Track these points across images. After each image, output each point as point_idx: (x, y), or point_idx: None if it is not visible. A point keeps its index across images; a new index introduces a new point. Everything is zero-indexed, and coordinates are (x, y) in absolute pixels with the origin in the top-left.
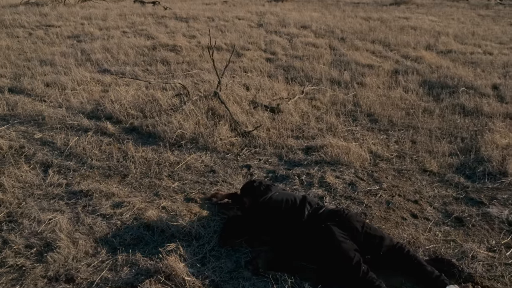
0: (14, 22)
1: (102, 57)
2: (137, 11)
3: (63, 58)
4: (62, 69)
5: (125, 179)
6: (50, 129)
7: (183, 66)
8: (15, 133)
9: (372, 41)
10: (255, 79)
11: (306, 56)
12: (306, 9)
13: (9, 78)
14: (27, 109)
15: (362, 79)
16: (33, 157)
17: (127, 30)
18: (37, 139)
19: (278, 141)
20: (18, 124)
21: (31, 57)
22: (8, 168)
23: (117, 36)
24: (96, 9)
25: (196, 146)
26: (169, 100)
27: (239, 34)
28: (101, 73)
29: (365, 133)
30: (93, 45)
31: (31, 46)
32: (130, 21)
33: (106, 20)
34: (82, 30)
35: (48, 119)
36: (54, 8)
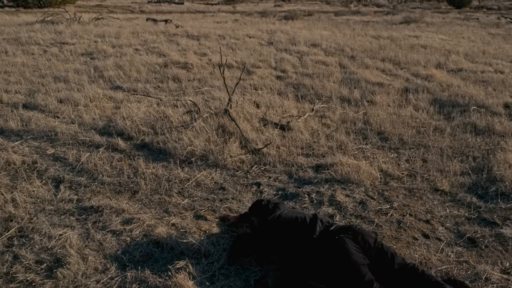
0: (30, 39)
1: (115, 74)
2: (149, 29)
3: (77, 75)
4: (75, 86)
5: (135, 196)
6: (62, 145)
7: (194, 83)
8: (28, 149)
9: (382, 59)
10: (265, 96)
11: (316, 74)
12: (316, 28)
13: (23, 94)
14: (41, 125)
15: (372, 97)
16: (45, 173)
17: (140, 47)
18: (49, 155)
19: (288, 159)
20: (31, 140)
21: (46, 73)
22: (21, 183)
23: (129, 53)
24: (110, 27)
25: (206, 163)
26: (180, 117)
27: (249, 52)
28: (113, 90)
29: (375, 151)
30: (106, 62)
31: (46, 63)
32: (143, 39)
33: (119, 38)
34: (95, 48)
35: (61, 135)
36: (68, 26)
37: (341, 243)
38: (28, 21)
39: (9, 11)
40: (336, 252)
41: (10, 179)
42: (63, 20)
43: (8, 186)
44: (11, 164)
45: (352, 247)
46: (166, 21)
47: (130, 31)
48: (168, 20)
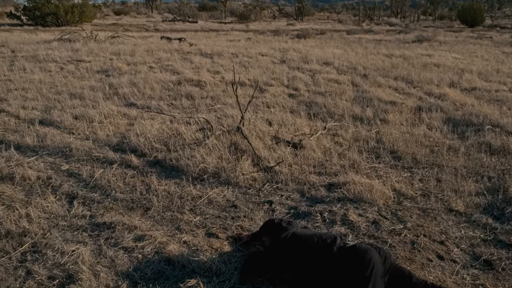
0: (47, 57)
1: (129, 91)
2: (163, 47)
3: (92, 92)
4: (91, 103)
5: (147, 212)
6: (76, 161)
7: (207, 101)
8: (43, 164)
9: (395, 78)
10: (278, 114)
11: (328, 92)
12: (329, 46)
13: (40, 111)
14: (56, 141)
15: (385, 115)
16: (59, 188)
17: (154, 65)
18: (64, 171)
19: (300, 177)
20: (46, 156)
21: (62, 90)
22: (35, 199)
23: (144, 71)
24: (125, 45)
25: (218, 180)
26: (193, 134)
27: (262, 70)
28: (127, 107)
29: (388, 170)
30: (120, 79)
31: (62, 80)
32: (157, 57)
33: (134, 55)
34: (110, 65)
35: (75, 151)
36: (85, 44)
37: (365, 250)
38: (46, 39)
39: (28, 29)
40: (358, 261)
41: (25, 194)
42: (80, 38)
43: (23, 201)
44: (26, 179)
45: (374, 257)
46: (180, 39)
47: (145, 49)
48: (182, 39)
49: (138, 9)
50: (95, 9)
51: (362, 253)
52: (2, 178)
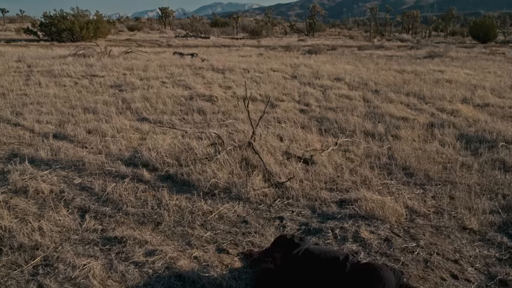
0: (62, 72)
1: (142, 106)
2: (176, 63)
3: (105, 106)
4: (104, 117)
5: (158, 227)
6: (89, 175)
7: (218, 116)
8: (56, 178)
9: (407, 94)
10: (289, 130)
11: (339, 108)
12: (340, 62)
13: (54, 125)
14: (69, 155)
15: (396, 131)
16: (72, 202)
17: (166, 80)
18: (76, 184)
19: (312, 193)
20: (59, 169)
21: (76, 105)
22: (48, 212)
23: (156, 86)
24: (138, 61)
25: (229, 195)
26: (204, 149)
27: (273, 86)
28: (140, 121)
29: (400, 187)
30: (133, 94)
31: (76, 95)
32: (169, 72)
33: (147, 70)
34: (124, 80)
35: (88, 165)
36: (99, 59)
37: (378, 268)
38: (61, 54)
39: (44, 45)
40: (371, 280)
41: (38, 208)
42: (94, 54)
43: (36, 214)
44: (39, 192)
45: (388, 276)
46: (192, 54)
47: (158, 64)
48: (194, 54)
49: (151, 25)
50: (110, 25)
51: (376, 271)
52: (16, 191)
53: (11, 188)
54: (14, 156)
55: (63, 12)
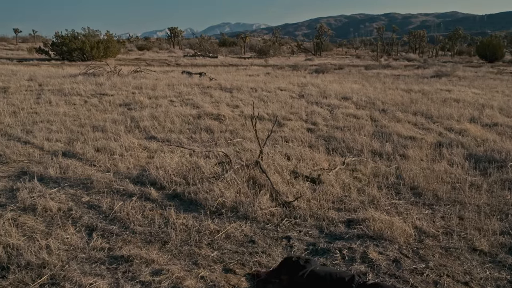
0: (72, 90)
1: (150, 124)
2: (184, 82)
3: (114, 124)
4: (112, 135)
5: (165, 246)
6: (97, 193)
7: (226, 134)
8: (64, 196)
9: (414, 113)
10: (296, 149)
11: (347, 127)
12: (347, 81)
13: (63, 143)
14: (78, 173)
15: (404, 151)
16: (79, 220)
17: (174, 99)
18: (84, 202)
19: (319, 212)
20: (68, 187)
21: (85, 123)
22: (56, 230)
23: (164, 104)
24: (147, 79)
25: (236, 215)
26: (212, 168)
27: (280, 105)
28: (148, 140)
29: (409, 207)
30: (142, 113)
31: (86, 113)
32: (178, 91)
33: (155, 89)
34: (132, 99)
35: (96, 183)
36: (109, 78)
37: None
38: (72, 73)
39: (55, 64)
40: None
41: (45, 226)
42: (104, 73)
43: (44, 232)
44: (47, 210)
45: None
46: (200, 74)
47: (166, 83)
48: (202, 73)
49: (160, 44)
50: (119, 45)
51: None
52: (24, 209)
53: (19, 205)
54: (23, 174)
55: (74, 32)
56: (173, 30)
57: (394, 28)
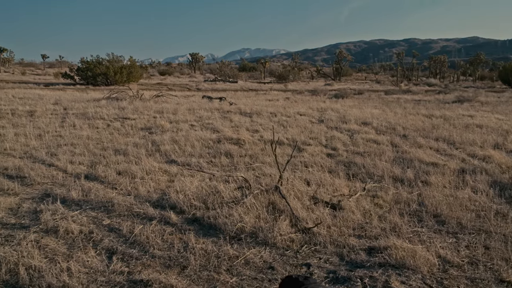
0: (96, 114)
1: (170, 148)
2: (204, 106)
3: (135, 148)
4: (134, 159)
5: (184, 271)
6: (118, 216)
7: (245, 159)
8: (86, 218)
9: (436, 139)
10: (316, 174)
11: (367, 153)
12: (367, 106)
13: (86, 166)
14: (99, 196)
15: (426, 177)
16: (100, 243)
17: (195, 123)
18: (105, 225)
19: (339, 239)
20: (89, 210)
21: (107, 146)
22: (77, 253)
23: (185, 129)
24: (168, 104)
25: (256, 240)
26: (231, 192)
27: (300, 129)
28: (168, 163)
29: (432, 235)
30: (163, 137)
31: (108, 137)
32: (198, 115)
33: (176, 114)
34: (154, 123)
35: (117, 206)
36: (131, 103)
37: None
38: (96, 98)
39: (80, 88)
40: None
41: (67, 248)
42: (127, 97)
43: (65, 255)
44: (69, 233)
45: None
46: (220, 98)
47: (187, 107)
48: (222, 98)
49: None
50: (142, 70)
51: None
52: (47, 231)
53: (42, 227)
54: (47, 196)
55: (99, 58)
56: (194, 56)
57: (414, 53)
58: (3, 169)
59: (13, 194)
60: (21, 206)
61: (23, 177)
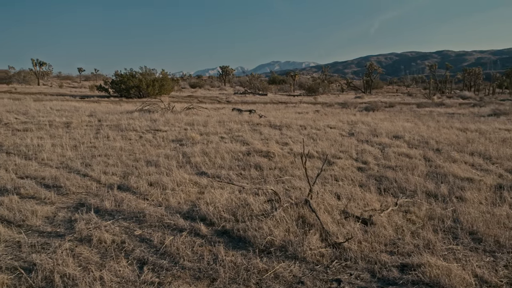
0: (129, 126)
1: (201, 160)
2: (234, 119)
3: (167, 160)
4: (165, 170)
5: (213, 283)
6: (149, 227)
7: (275, 172)
8: (118, 228)
9: (471, 153)
10: (346, 188)
11: (399, 167)
12: (398, 119)
13: (119, 176)
14: (131, 206)
15: (461, 193)
16: (131, 253)
17: (225, 135)
18: (136, 236)
19: (371, 255)
20: (122, 220)
21: (139, 157)
22: (109, 262)
23: (215, 141)
24: (199, 116)
25: (285, 254)
26: (261, 205)
27: (330, 143)
28: (198, 175)
29: (467, 253)
30: (193, 149)
31: (140, 148)
32: (228, 128)
33: (207, 126)
34: (185, 135)
35: (148, 216)
36: (163, 115)
37: None
38: (129, 110)
39: (113, 101)
40: None
41: (100, 257)
42: (158, 109)
43: (98, 263)
44: (102, 242)
45: None
46: (250, 111)
47: (217, 120)
48: (252, 110)
49: (212, 82)
50: (173, 83)
51: None
52: (81, 240)
53: (77, 236)
54: (81, 206)
55: (132, 71)
56: (225, 69)
57: (447, 65)
58: (41, 178)
59: (49, 203)
60: (56, 215)
61: (59, 186)
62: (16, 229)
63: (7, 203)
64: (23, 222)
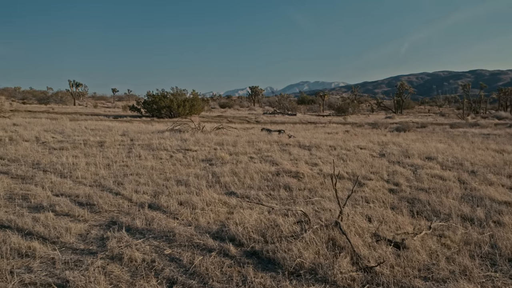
0: (160, 145)
1: (230, 180)
2: (263, 139)
3: (196, 179)
4: (195, 190)
5: None
6: (178, 246)
7: (304, 192)
8: (148, 247)
9: (509, 176)
10: (378, 210)
11: (432, 189)
12: (431, 140)
13: (150, 195)
14: (161, 225)
15: (499, 217)
16: (161, 272)
17: (254, 156)
18: (166, 255)
19: (404, 280)
20: (152, 239)
21: (170, 177)
22: (139, 281)
23: (244, 161)
24: (228, 136)
25: (315, 277)
26: (290, 226)
27: (360, 164)
28: (228, 195)
29: (507, 281)
30: (223, 168)
31: (171, 167)
32: (257, 148)
33: (236, 146)
34: (214, 155)
35: (178, 236)
36: (193, 135)
37: None
38: (160, 129)
39: (145, 120)
40: None
41: (130, 276)
42: (189, 129)
43: (128, 282)
44: (133, 260)
45: None
46: (279, 131)
47: (246, 140)
48: (281, 131)
49: (241, 102)
50: (203, 103)
51: None
52: (112, 258)
53: (108, 254)
54: (113, 224)
55: (164, 91)
56: (254, 89)
57: (481, 84)
58: (75, 196)
59: (82, 221)
60: (89, 233)
61: (92, 204)
62: (50, 246)
63: (43, 220)
64: (57, 239)
